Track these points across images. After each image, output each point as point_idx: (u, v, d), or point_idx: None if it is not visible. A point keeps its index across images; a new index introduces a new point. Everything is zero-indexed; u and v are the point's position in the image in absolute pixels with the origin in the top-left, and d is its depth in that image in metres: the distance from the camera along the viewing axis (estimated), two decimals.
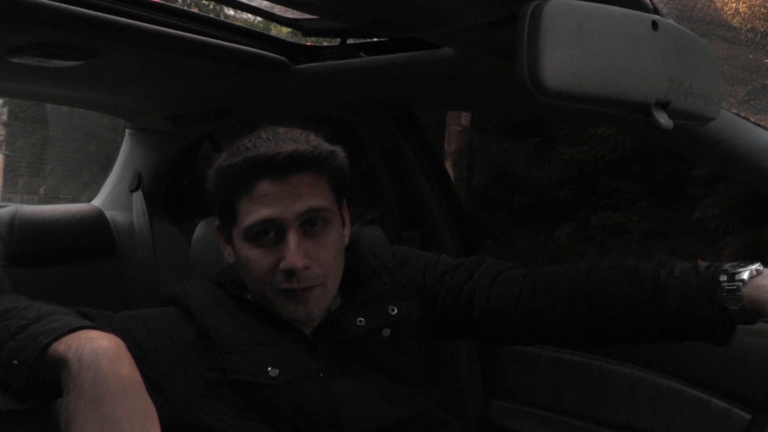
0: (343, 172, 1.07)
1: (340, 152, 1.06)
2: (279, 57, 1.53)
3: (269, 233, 1.00)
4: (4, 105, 5.04)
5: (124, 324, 0.95)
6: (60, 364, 0.79)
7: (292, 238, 0.99)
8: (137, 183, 2.08)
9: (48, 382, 0.80)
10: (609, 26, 0.78)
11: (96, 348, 0.79)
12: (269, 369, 0.99)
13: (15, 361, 0.80)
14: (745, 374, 1.36)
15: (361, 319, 1.08)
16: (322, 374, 1.03)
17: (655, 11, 0.96)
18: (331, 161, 1.04)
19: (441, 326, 1.16)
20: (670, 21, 0.86)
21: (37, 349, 0.79)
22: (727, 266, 0.95)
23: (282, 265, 0.99)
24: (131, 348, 0.84)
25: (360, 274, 1.13)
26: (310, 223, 1.01)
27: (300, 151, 1.00)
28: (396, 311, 1.11)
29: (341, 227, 1.08)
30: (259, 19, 1.58)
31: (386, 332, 1.09)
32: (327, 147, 1.04)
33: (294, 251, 0.98)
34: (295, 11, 1.44)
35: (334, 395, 1.01)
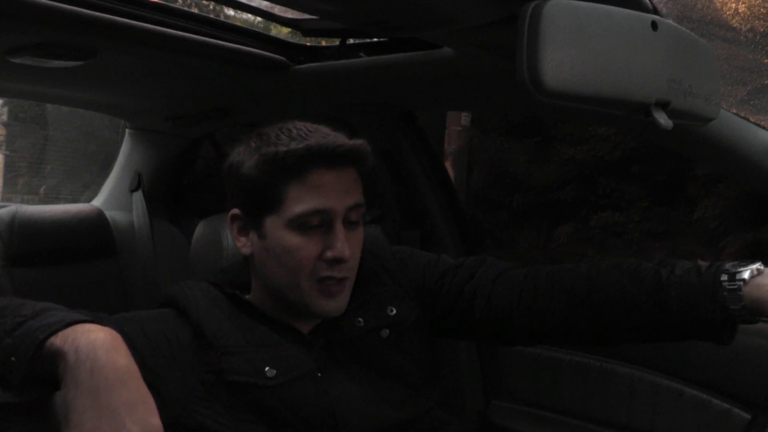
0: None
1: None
2: (279, 57, 1.53)
3: (315, 223, 1.02)
4: (4, 105, 5.04)
5: (119, 326, 0.94)
6: (57, 357, 0.79)
7: (341, 229, 1.02)
8: (137, 183, 2.08)
9: (46, 376, 0.80)
10: (609, 26, 0.78)
11: (93, 339, 0.80)
12: (266, 369, 0.99)
13: (13, 358, 0.80)
14: (745, 374, 1.36)
15: (359, 319, 1.08)
16: (319, 374, 1.02)
17: (655, 11, 0.96)
18: (369, 162, 1.08)
19: (441, 326, 1.16)
20: (670, 21, 0.86)
21: (35, 343, 0.79)
22: (728, 266, 0.95)
23: (330, 254, 1.01)
24: None
25: (359, 274, 1.13)
26: (349, 220, 1.04)
27: (358, 146, 1.04)
28: (395, 312, 1.11)
29: None
30: (259, 19, 1.58)
31: (385, 333, 1.09)
32: (369, 147, 1.07)
33: (343, 241, 1.01)
34: (295, 11, 1.44)
35: (332, 396, 1.01)
